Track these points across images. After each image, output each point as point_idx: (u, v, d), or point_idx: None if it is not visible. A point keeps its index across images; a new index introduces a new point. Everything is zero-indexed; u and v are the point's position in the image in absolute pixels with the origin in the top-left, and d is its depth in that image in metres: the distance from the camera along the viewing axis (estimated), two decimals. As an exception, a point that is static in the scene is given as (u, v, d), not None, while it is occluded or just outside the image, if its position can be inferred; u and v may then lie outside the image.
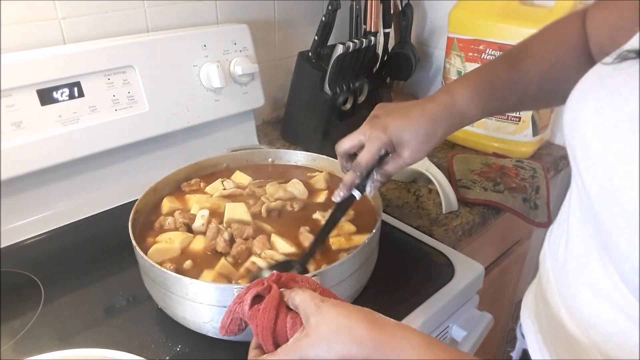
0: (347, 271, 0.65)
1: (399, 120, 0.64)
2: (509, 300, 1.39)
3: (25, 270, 0.78)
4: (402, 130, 0.64)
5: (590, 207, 0.44)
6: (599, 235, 0.45)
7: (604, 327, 0.47)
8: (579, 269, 0.50)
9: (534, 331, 0.58)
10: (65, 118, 0.86)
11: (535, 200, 1.00)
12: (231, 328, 0.51)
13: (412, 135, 0.63)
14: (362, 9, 1.22)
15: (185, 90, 1.00)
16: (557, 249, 0.55)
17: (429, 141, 0.64)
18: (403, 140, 0.64)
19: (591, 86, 0.46)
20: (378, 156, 0.65)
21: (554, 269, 0.56)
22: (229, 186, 0.85)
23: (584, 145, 0.44)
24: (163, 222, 0.75)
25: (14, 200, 0.86)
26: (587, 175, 0.44)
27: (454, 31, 1.16)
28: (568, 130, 0.48)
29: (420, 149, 0.64)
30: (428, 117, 0.64)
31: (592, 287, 0.48)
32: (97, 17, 0.94)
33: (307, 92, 1.15)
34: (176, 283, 0.62)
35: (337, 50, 1.07)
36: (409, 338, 0.43)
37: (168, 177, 0.83)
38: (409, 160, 0.65)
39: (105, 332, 0.68)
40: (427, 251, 0.83)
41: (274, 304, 0.47)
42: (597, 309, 0.47)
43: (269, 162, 0.94)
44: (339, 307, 0.45)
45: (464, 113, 0.65)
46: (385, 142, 0.64)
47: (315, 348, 0.44)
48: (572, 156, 0.48)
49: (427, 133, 0.64)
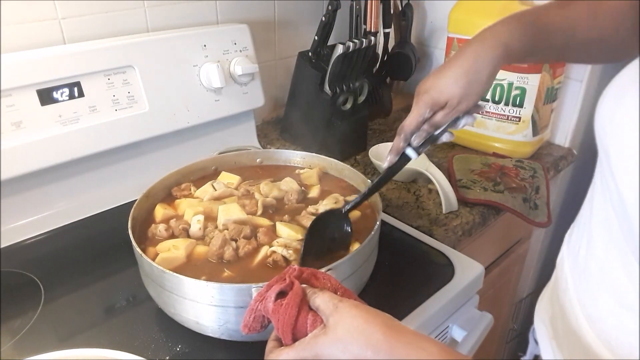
0: (347, 271, 0.65)
1: (438, 77, 0.64)
2: (509, 300, 1.39)
3: (25, 270, 0.78)
4: (443, 85, 0.62)
5: (623, 210, 0.42)
6: (631, 241, 0.42)
7: (627, 339, 0.45)
8: (601, 274, 0.48)
9: (548, 337, 0.57)
10: (65, 118, 0.86)
11: (535, 200, 1.00)
12: (254, 326, 0.51)
13: (455, 85, 0.62)
14: (362, 9, 1.22)
15: (185, 90, 1.00)
16: (577, 252, 0.53)
17: (475, 83, 0.62)
18: (446, 94, 0.62)
19: (631, 82, 0.43)
20: (422, 118, 0.65)
21: (573, 273, 0.54)
22: (219, 187, 0.84)
23: (620, 146, 0.42)
24: (155, 231, 0.74)
25: (14, 200, 0.86)
26: (622, 176, 0.41)
27: (454, 31, 1.16)
28: (601, 129, 0.46)
29: (467, 94, 0.62)
30: (468, 59, 0.62)
31: (615, 295, 0.46)
32: (97, 17, 0.94)
33: (307, 92, 1.15)
34: (176, 283, 0.62)
35: (337, 50, 1.07)
36: (426, 347, 0.42)
37: (159, 182, 0.82)
38: (460, 108, 0.63)
39: (105, 332, 0.68)
40: (427, 251, 0.83)
41: (296, 301, 0.47)
42: (620, 319, 0.45)
43: (257, 163, 0.94)
44: (357, 308, 0.45)
45: (506, 43, 0.62)
46: (427, 103, 0.63)
47: (331, 347, 0.44)
48: (604, 156, 0.46)
49: (469, 78, 0.61)
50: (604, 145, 0.45)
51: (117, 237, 0.76)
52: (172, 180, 0.85)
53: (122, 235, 0.68)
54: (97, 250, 0.84)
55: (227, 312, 0.61)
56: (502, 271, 1.23)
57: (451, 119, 0.66)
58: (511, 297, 1.39)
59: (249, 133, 1.16)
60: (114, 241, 0.81)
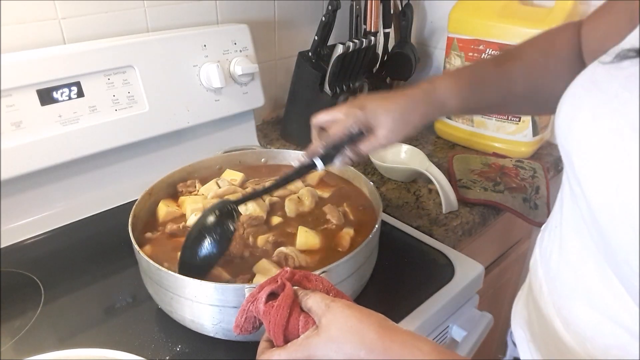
0: (347, 271, 0.65)
1: (376, 100, 0.65)
2: (509, 300, 1.38)
3: (25, 270, 0.78)
4: (378, 108, 0.64)
5: (591, 215, 0.42)
6: (601, 245, 0.43)
7: (602, 340, 0.45)
8: (574, 279, 0.49)
9: (526, 340, 0.57)
10: (65, 118, 0.86)
11: (535, 200, 1.00)
12: (245, 327, 0.51)
13: (388, 114, 0.64)
14: (362, 9, 1.22)
15: (185, 90, 1.00)
16: (549, 257, 0.54)
17: (405, 123, 0.64)
18: (378, 119, 0.64)
19: (586, 91, 0.45)
20: (349, 132, 0.65)
21: (546, 278, 0.54)
22: (223, 185, 0.84)
23: (583, 154, 0.43)
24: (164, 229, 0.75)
25: (14, 200, 0.86)
26: (588, 184, 0.42)
27: (454, 31, 1.16)
28: (562, 137, 0.47)
29: (395, 130, 0.64)
30: (406, 99, 0.64)
31: (589, 298, 0.46)
32: (97, 17, 0.94)
33: (307, 92, 1.15)
34: (176, 283, 0.62)
35: (337, 50, 1.07)
36: (420, 347, 0.42)
37: (162, 180, 0.83)
38: (383, 141, 0.65)
39: (105, 332, 0.68)
40: (427, 251, 0.83)
41: (288, 302, 0.47)
42: (595, 322, 0.46)
43: (262, 163, 0.94)
44: (350, 308, 0.45)
45: (443, 102, 0.65)
46: (360, 119, 0.64)
47: (324, 347, 0.44)
48: (567, 163, 0.46)
49: (403, 114, 0.64)
50: (567, 152, 0.46)
51: (117, 237, 0.76)
52: (176, 178, 0.86)
53: (122, 235, 0.68)
54: (97, 250, 0.84)
55: (221, 312, 0.61)
56: (502, 271, 1.23)
57: (374, 149, 0.67)
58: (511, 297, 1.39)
59: (249, 133, 1.16)
60: (114, 241, 0.81)
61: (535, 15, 1.08)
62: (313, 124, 0.70)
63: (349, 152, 0.67)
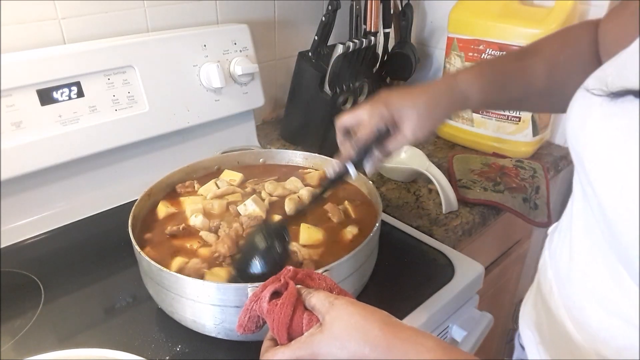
0: (347, 271, 0.65)
1: (400, 96, 0.64)
2: (509, 300, 1.39)
3: (25, 270, 0.78)
4: (403, 104, 0.63)
5: (603, 214, 0.42)
6: (613, 243, 0.43)
7: (615, 342, 0.45)
8: (585, 280, 0.48)
9: (535, 343, 0.57)
10: (65, 118, 0.86)
11: (535, 200, 1.00)
12: (249, 326, 0.51)
13: (414, 109, 0.63)
14: (362, 9, 1.22)
15: (185, 90, 1.00)
16: (559, 258, 0.54)
17: (430, 118, 0.63)
18: (404, 115, 0.63)
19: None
20: (377, 131, 0.64)
21: (556, 279, 0.54)
22: (222, 185, 0.84)
23: (593, 153, 0.43)
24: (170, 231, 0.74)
25: (14, 200, 0.85)
26: (599, 182, 0.42)
27: (454, 31, 1.16)
28: (573, 137, 0.46)
29: (421, 125, 0.63)
30: (430, 93, 0.64)
31: (600, 299, 0.46)
32: (97, 17, 0.94)
33: (307, 92, 1.15)
34: (177, 283, 0.62)
35: (337, 50, 1.07)
36: (424, 343, 0.42)
37: (162, 180, 0.83)
38: (410, 137, 0.64)
39: (105, 332, 0.68)
40: (427, 251, 0.83)
41: (291, 300, 0.47)
42: (606, 323, 0.45)
43: (260, 163, 0.94)
44: (353, 306, 0.45)
45: (466, 95, 0.64)
46: (385, 117, 0.63)
47: (328, 345, 0.44)
48: (578, 162, 0.46)
49: (428, 109, 0.63)
50: (577, 151, 0.46)
51: (117, 237, 0.76)
52: (175, 179, 0.86)
53: (122, 235, 0.68)
54: (97, 250, 0.84)
55: (223, 312, 0.61)
56: (502, 271, 1.23)
57: (401, 146, 0.66)
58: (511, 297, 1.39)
59: (249, 133, 1.16)
60: (114, 241, 0.81)
61: (535, 15, 1.08)
62: (338, 128, 0.68)
63: (377, 153, 0.66)
